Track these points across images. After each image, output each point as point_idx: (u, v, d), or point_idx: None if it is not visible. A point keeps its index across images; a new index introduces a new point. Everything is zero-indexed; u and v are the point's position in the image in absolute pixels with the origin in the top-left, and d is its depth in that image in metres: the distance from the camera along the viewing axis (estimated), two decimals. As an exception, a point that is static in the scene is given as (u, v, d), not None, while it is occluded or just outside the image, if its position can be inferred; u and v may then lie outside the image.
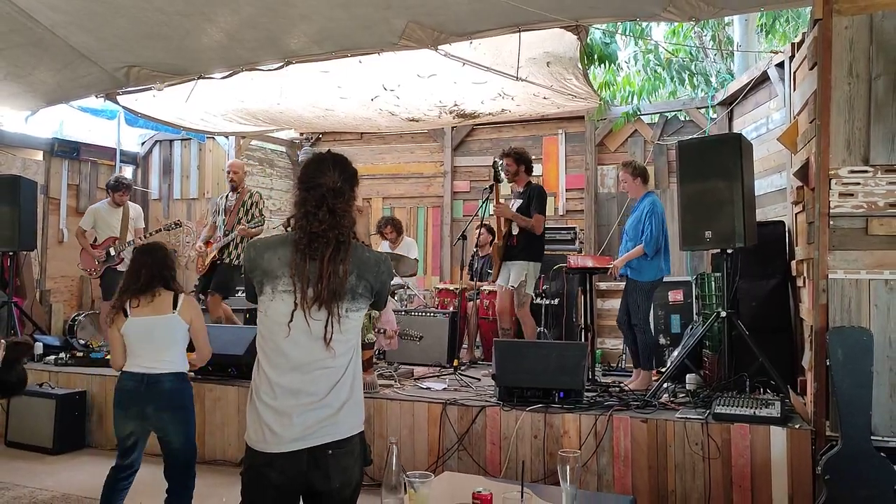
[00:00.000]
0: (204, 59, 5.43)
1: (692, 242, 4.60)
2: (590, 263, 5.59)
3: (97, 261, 6.66)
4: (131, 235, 6.80)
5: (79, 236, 6.77)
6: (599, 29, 7.66)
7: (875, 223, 3.55)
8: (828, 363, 3.39)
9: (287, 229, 2.16)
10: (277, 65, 5.40)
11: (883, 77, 3.55)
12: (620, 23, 7.64)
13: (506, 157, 5.71)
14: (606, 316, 7.43)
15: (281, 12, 4.67)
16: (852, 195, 3.58)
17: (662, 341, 6.06)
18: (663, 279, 5.21)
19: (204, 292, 6.49)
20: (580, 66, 5.41)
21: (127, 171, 8.89)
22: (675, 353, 5.23)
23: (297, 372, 2.05)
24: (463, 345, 6.51)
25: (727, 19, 8.96)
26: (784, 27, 9.38)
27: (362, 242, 2.23)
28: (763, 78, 6.21)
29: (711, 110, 7.59)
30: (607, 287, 7.40)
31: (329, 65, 5.48)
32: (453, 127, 8.58)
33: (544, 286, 6.37)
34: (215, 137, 8.63)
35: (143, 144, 9.32)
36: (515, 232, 5.63)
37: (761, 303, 4.93)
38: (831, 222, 3.61)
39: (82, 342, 6.82)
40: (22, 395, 4.44)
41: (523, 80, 5.49)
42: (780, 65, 5.73)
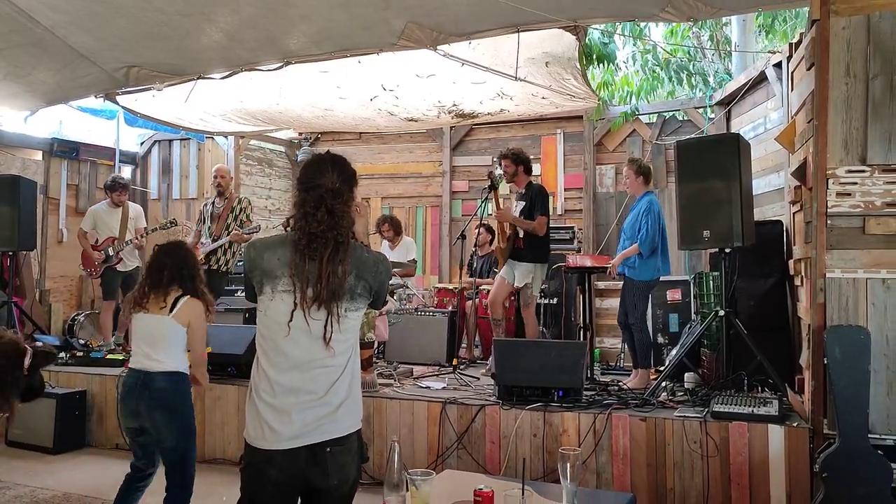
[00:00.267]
0: (203, 60, 5.44)
1: (690, 242, 4.62)
2: (588, 263, 5.62)
3: (97, 261, 6.67)
4: (131, 235, 6.81)
5: (80, 238, 6.78)
6: (598, 29, 7.68)
7: (872, 222, 3.57)
8: (825, 362, 3.40)
9: (286, 229, 2.18)
10: (277, 65, 5.42)
11: (880, 77, 3.57)
12: (619, 23, 7.64)
13: (504, 159, 5.64)
14: (605, 315, 7.44)
15: (281, 13, 4.68)
16: (849, 195, 3.59)
17: (661, 340, 6.08)
18: (660, 278, 5.21)
19: None
20: (578, 67, 5.43)
21: (126, 171, 8.88)
22: (674, 352, 5.24)
23: (297, 370, 2.07)
24: (462, 344, 6.52)
25: (725, 19, 8.96)
26: (783, 26, 9.41)
27: (361, 242, 2.25)
28: (761, 78, 6.21)
29: (709, 110, 7.59)
30: (606, 286, 7.41)
31: (328, 65, 5.49)
32: (452, 127, 8.59)
33: (543, 285, 6.36)
34: (214, 137, 8.63)
35: (142, 144, 9.31)
36: (522, 234, 5.56)
37: (759, 302, 4.95)
38: (829, 222, 3.62)
39: (82, 342, 6.84)
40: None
41: (522, 80, 5.51)
42: (778, 65, 5.73)
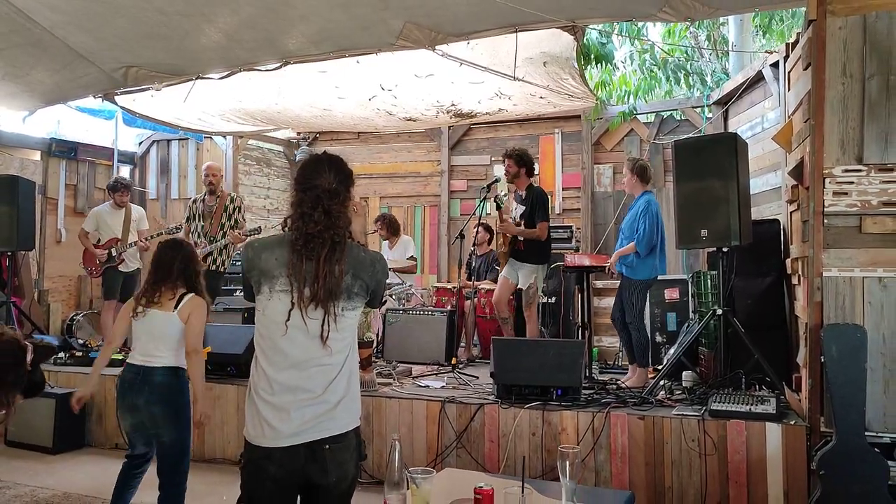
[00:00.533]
0: (203, 60, 5.44)
1: (688, 241, 4.63)
2: (587, 262, 5.63)
3: (98, 260, 6.68)
4: (133, 237, 6.82)
5: (81, 238, 6.79)
6: (596, 29, 7.70)
7: (869, 221, 3.58)
8: (822, 360, 3.42)
9: (284, 229, 2.20)
10: (276, 65, 5.42)
11: (876, 77, 3.58)
12: (617, 23, 7.67)
13: (507, 158, 5.66)
14: (603, 314, 7.45)
15: (280, 13, 4.69)
16: (846, 194, 3.61)
17: (659, 339, 6.09)
18: (658, 277, 5.24)
19: None
20: (576, 66, 5.44)
21: (124, 171, 8.88)
22: (672, 351, 5.26)
23: (295, 369, 2.09)
24: (461, 343, 6.53)
25: (722, 19, 8.98)
26: (779, 26, 9.44)
27: (358, 242, 2.27)
28: (758, 77, 6.22)
29: (707, 109, 7.61)
30: (604, 285, 7.43)
31: (327, 65, 5.49)
32: (450, 126, 8.59)
33: (542, 284, 6.40)
34: (213, 137, 8.63)
35: (141, 144, 9.30)
36: (522, 238, 5.63)
37: (757, 300, 4.96)
38: (825, 221, 3.63)
39: (81, 342, 6.83)
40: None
41: (520, 80, 5.52)
42: (775, 64, 5.75)
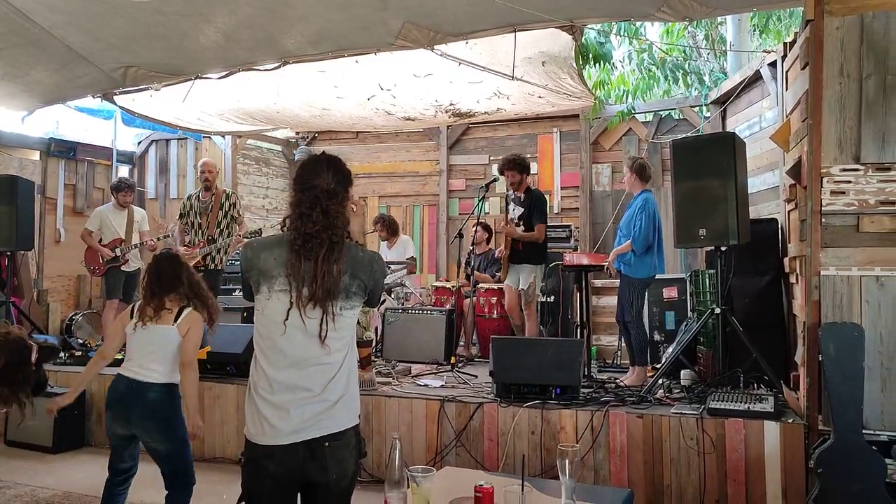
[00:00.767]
0: (201, 60, 5.44)
1: (686, 240, 4.65)
2: (585, 261, 5.65)
3: (102, 258, 6.67)
4: (136, 238, 6.82)
5: (85, 237, 6.79)
6: (594, 29, 7.70)
7: (866, 220, 3.60)
8: (820, 358, 3.43)
9: (283, 229, 2.21)
10: (274, 65, 5.42)
11: (873, 77, 3.60)
12: (615, 23, 7.67)
13: (508, 171, 5.94)
14: (602, 313, 7.48)
15: (279, 13, 4.69)
16: (844, 193, 3.62)
17: (657, 338, 6.10)
18: (656, 276, 5.25)
19: None
20: (575, 66, 5.45)
21: (123, 171, 8.88)
22: (670, 350, 5.27)
23: (294, 368, 2.10)
24: (460, 342, 6.55)
25: (720, 19, 8.98)
26: (777, 26, 9.44)
27: (356, 242, 2.28)
28: (756, 77, 6.24)
29: (705, 109, 7.63)
30: (602, 284, 7.45)
31: (326, 65, 5.49)
32: (449, 126, 8.61)
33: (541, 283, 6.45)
34: (212, 137, 8.63)
35: (140, 144, 9.31)
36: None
37: (755, 299, 4.97)
38: (823, 220, 3.65)
39: (80, 341, 6.84)
40: None
41: (519, 80, 5.52)
42: (773, 64, 5.76)
